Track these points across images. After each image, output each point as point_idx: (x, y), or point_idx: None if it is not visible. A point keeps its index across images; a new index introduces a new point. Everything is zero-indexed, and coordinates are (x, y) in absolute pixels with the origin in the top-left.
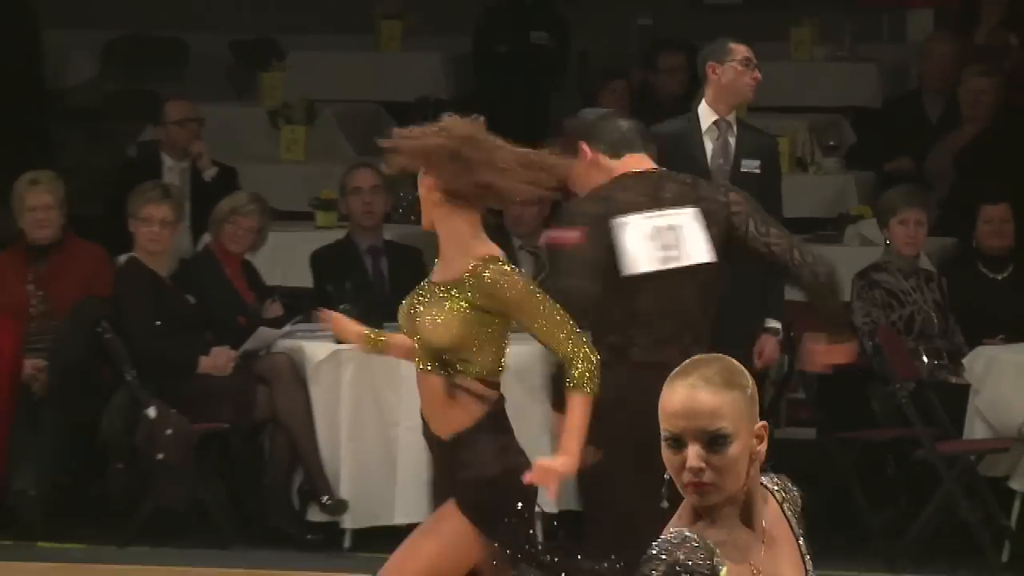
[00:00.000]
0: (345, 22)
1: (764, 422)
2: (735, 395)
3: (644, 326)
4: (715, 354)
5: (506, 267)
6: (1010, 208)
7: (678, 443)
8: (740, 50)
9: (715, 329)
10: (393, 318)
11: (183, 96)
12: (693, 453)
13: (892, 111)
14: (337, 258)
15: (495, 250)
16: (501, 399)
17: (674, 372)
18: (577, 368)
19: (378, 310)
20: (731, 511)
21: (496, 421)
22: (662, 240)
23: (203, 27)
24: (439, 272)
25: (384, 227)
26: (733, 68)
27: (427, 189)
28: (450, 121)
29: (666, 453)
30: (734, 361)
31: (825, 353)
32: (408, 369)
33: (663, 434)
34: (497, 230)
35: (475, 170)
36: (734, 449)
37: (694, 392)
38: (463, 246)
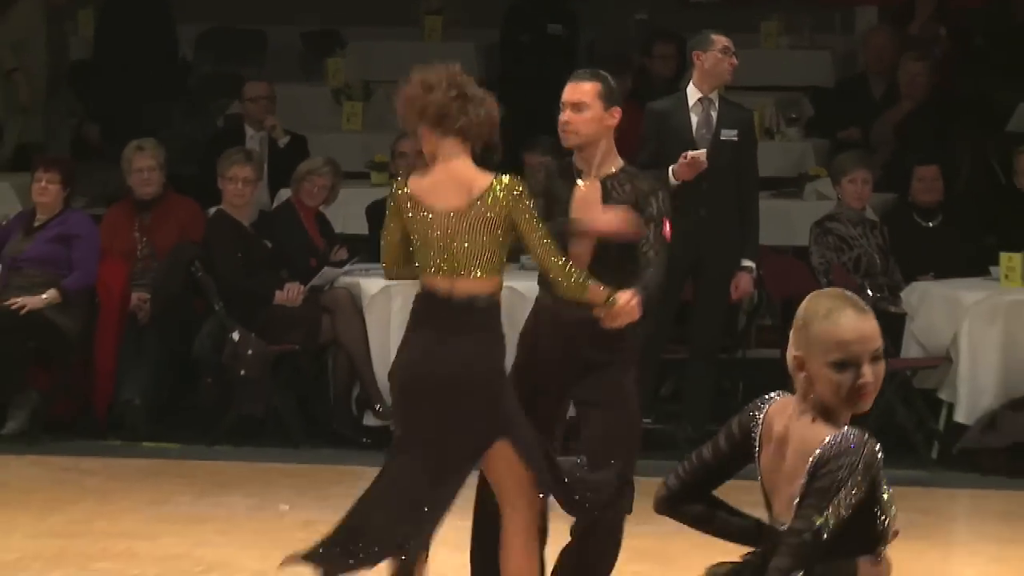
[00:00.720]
0: (395, 17)
1: None
2: (875, 318)
3: None
4: (835, 288)
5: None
6: (939, 169)
7: (849, 365)
8: (721, 41)
9: (701, 267)
10: None
11: (262, 78)
12: (869, 371)
13: (843, 90)
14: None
15: None
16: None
17: (822, 310)
18: None
19: None
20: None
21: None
22: None
23: (279, 21)
24: None
25: None
26: (714, 55)
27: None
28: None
29: (832, 375)
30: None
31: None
32: None
33: (830, 360)
34: None
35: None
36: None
37: (859, 322)
38: None
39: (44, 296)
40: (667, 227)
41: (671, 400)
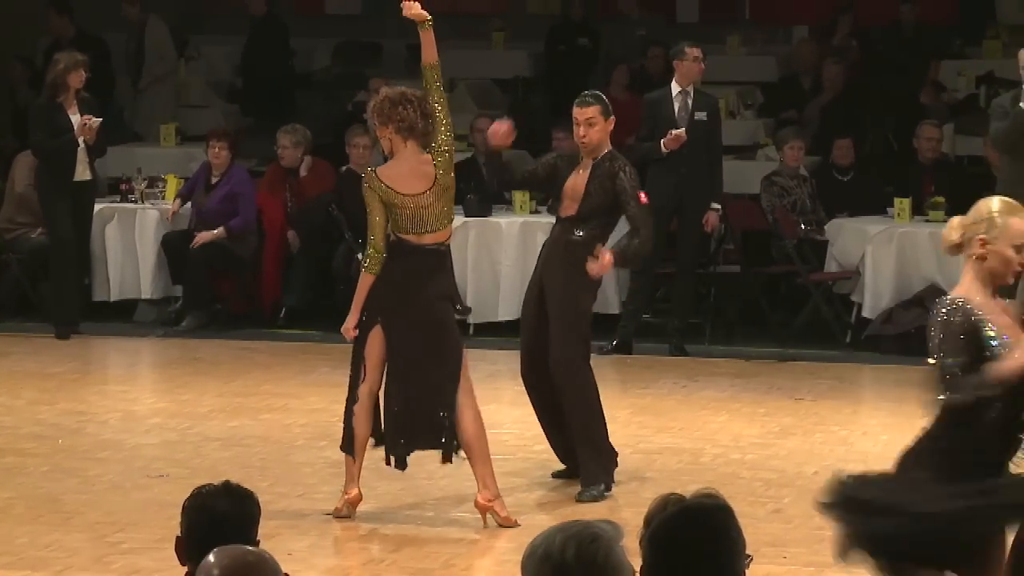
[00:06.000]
0: (472, 33)
1: None
2: None
3: None
4: (1008, 198)
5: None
6: (851, 140)
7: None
8: (692, 52)
9: (682, 208)
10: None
11: (380, 76)
12: None
13: (783, 84)
14: (466, 170)
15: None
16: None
17: (1009, 206)
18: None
19: (488, 197)
20: None
21: None
22: None
23: (392, 36)
24: None
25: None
26: (687, 63)
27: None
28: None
29: (1013, 255)
30: None
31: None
32: (510, 228)
33: (1016, 244)
34: None
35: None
36: None
37: None
38: None
39: (214, 232)
40: (643, 197)
41: (663, 300)
